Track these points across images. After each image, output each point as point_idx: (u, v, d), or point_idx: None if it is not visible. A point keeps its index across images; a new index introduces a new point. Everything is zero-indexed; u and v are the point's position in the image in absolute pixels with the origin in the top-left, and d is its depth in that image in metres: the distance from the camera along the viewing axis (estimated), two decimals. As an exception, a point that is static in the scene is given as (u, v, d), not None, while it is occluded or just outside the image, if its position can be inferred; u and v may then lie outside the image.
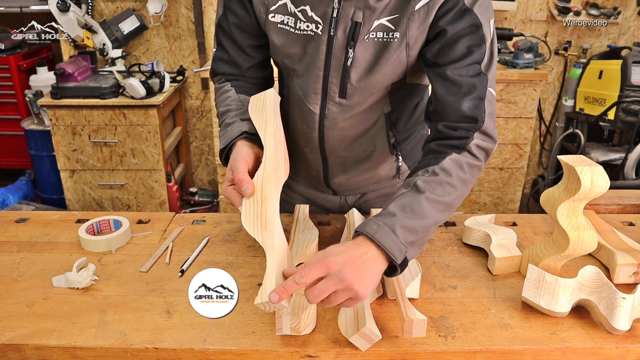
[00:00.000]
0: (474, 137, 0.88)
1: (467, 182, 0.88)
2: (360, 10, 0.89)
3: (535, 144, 3.48)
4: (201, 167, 3.48)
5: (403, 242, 0.76)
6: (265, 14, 0.97)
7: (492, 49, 0.90)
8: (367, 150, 1.08)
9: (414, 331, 0.70)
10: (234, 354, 0.72)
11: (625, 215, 1.17)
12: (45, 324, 0.76)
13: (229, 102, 1.01)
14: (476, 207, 3.10)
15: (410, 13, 0.88)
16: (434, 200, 0.82)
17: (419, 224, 0.79)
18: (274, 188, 0.80)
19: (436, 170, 0.85)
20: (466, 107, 0.88)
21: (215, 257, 0.95)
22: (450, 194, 0.84)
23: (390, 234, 0.76)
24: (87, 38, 2.78)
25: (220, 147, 0.93)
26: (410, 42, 0.90)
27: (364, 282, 0.71)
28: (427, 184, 0.84)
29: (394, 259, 0.75)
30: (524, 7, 3.17)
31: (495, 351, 0.73)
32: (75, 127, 2.66)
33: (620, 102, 2.69)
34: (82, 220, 1.09)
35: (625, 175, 2.71)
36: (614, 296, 0.75)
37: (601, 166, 0.78)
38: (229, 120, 0.95)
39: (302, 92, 1.01)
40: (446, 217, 0.85)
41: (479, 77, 0.88)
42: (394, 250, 0.75)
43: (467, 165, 0.88)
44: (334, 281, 0.69)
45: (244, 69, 1.05)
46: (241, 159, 0.83)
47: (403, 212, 0.80)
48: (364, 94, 0.97)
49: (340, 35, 0.91)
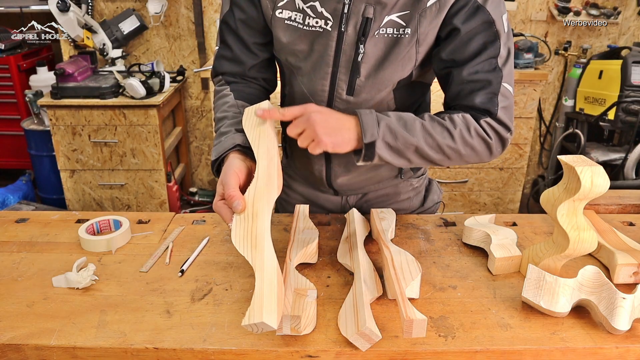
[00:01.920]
0: (488, 119, 0.91)
1: (467, 144, 0.90)
2: (371, 6, 0.89)
3: (535, 144, 3.48)
4: (201, 167, 3.48)
5: (379, 133, 0.84)
6: (272, 9, 0.97)
7: (508, 44, 0.90)
8: None
9: (414, 331, 0.69)
10: (234, 354, 0.72)
11: (625, 215, 1.17)
12: (45, 324, 0.76)
13: (226, 108, 1.00)
14: (476, 207, 3.10)
15: (422, 10, 0.88)
16: (427, 130, 0.87)
17: (402, 133, 0.85)
18: (266, 204, 0.78)
19: (444, 116, 0.90)
20: (479, 100, 0.90)
21: (215, 257, 0.95)
22: (445, 138, 0.88)
23: (374, 119, 0.84)
24: (87, 38, 2.78)
25: (212, 158, 0.92)
26: (420, 38, 0.91)
27: (328, 130, 0.81)
28: (431, 119, 0.89)
29: (363, 135, 0.82)
30: (524, 7, 3.17)
31: (495, 351, 0.73)
32: (75, 127, 2.66)
33: (620, 102, 2.69)
34: (82, 220, 1.09)
35: (625, 175, 2.71)
36: (614, 296, 0.75)
37: (601, 166, 0.78)
38: (224, 130, 0.94)
39: (308, 91, 1.01)
40: (431, 155, 0.89)
41: (494, 72, 0.89)
42: (367, 128, 0.83)
43: (475, 130, 0.90)
44: (303, 121, 0.80)
45: (247, 68, 1.05)
46: (232, 173, 0.82)
47: (396, 119, 0.87)
48: (372, 91, 0.97)
49: (351, 31, 0.92)
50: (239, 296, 0.83)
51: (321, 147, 0.82)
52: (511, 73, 0.92)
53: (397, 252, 0.89)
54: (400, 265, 0.85)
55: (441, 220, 1.11)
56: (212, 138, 3.29)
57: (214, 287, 0.86)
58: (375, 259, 0.93)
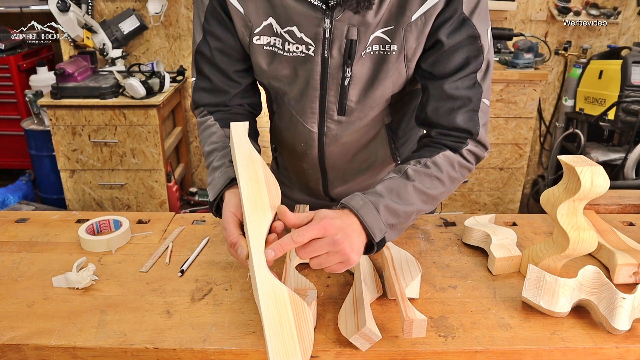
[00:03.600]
0: (468, 143, 0.89)
1: (455, 181, 0.89)
2: (354, 27, 0.85)
3: (535, 144, 3.48)
4: (201, 167, 3.48)
5: (384, 222, 0.78)
6: (249, 36, 0.90)
7: (489, 57, 0.88)
8: (368, 161, 1.06)
9: (414, 331, 0.69)
10: (234, 354, 0.72)
11: (625, 215, 1.17)
12: (45, 324, 0.76)
13: (214, 139, 0.94)
14: (476, 207, 3.10)
15: (407, 24, 0.84)
16: (420, 191, 0.83)
17: (402, 208, 0.81)
18: (256, 234, 0.73)
19: (428, 164, 0.86)
20: (460, 120, 0.87)
21: (215, 257, 0.95)
22: (437, 188, 0.85)
23: (373, 212, 0.78)
24: (87, 38, 2.78)
25: (209, 199, 0.87)
26: (408, 54, 0.87)
27: (354, 248, 0.74)
28: (417, 174, 0.84)
29: (373, 236, 0.76)
30: (524, 7, 3.17)
31: (495, 351, 0.73)
32: (75, 127, 2.66)
33: (620, 102, 2.69)
34: (82, 220, 1.09)
35: (625, 175, 2.71)
36: (614, 296, 0.75)
37: (601, 166, 0.78)
38: (216, 164, 0.89)
39: (297, 112, 0.97)
40: (429, 208, 0.86)
41: (474, 88, 0.87)
42: (375, 228, 0.77)
43: (459, 164, 0.89)
44: (328, 243, 0.71)
45: (230, 97, 0.98)
46: (229, 215, 0.78)
47: (389, 194, 0.81)
48: (364, 110, 0.95)
49: (336, 54, 0.87)
50: (239, 296, 0.83)
51: (349, 266, 0.75)
52: (489, 87, 0.90)
53: (397, 252, 0.89)
54: (400, 265, 0.85)
55: (441, 220, 1.11)
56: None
57: (214, 287, 0.86)
58: (375, 259, 0.93)
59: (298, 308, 0.66)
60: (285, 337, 0.62)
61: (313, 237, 0.71)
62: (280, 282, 0.68)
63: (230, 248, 0.76)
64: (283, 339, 0.62)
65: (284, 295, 0.67)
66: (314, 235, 0.71)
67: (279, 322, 0.64)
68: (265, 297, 0.66)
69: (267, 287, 0.67)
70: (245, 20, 0.89)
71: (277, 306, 0.65)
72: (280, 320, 0.64)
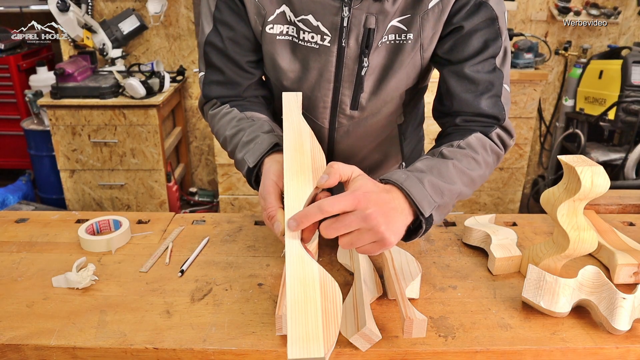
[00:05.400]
0: (496, 128, 0.86)
1: (489, 165, 0.84)
2: (372, 15, 0.83)
3: (535, 144, 3.48)
4: (201, 167, 3.48)
5: (432, 196, 0.70)
6: (262, 25, 0.87)
7: (506, 43, 0.86)
8: (377, 160, 1.05)
9: (414, 331, 0.69)
10: (234, 354, 0.72)
11: (625, 215, 1.17)
12: (45, 324, 0.76)
13: (236, 122, 0.87)
14: (476, 207, 3.10)
15: (424, 12, 0.83)
16: (460, 170, 0.77)
17: (446, 186, 0.73)
18: (294, 208, 0.66)
19: (462, 145, 0.82)
20: (485, 105, 0.85)
21: (215, 257, 0.95)
22: (475, 169, 0.80)
23: (419, 185, 0.69)
24: (87, 38, 2.78)
25: (249, 165, 0.78)
26: (424, 43, 0.86)
27: (391, 227, 0.64)
28: (454, 153, 0.79)
29: (422, 210, 0.68)
30: (524, 7, 3.17)
31: (496, 351, 0.73)
32: (75, 127, 2.66)
33: (620, 102, 2.69)
34: (81, 220, 1.09)
35: (625, 175, 2.71)
36: (614, 296, 0.75)
37: (601, 166, 0.78)
38: (247, 138, 0.82)
39: (307, 109, 0.94)
40: (469, 193, 0.80)
41: (495, 73, 0.85)
42: (423, 202, 0.68)
43: (490, 148, 0.85)
44: (359, 218, 0.62)
45: (243, 89, 0.94)
46: (270, 183, 0.71)
47: (430, 171, 0.74)
48: (377, 104, 0.92)
49: (353, 44, 0.85)
50: (239, 296, 0.83)
51: (386, 248, 0.66)
52: (509, 73, 0.88)
53: (397, 252, 0.89)
54: (400, 265, 0.85)
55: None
56: (212, 138, 3.28)
57: (214, 287, 0.86)
58: (375, 259, 0.93)
59: (328, 290, 0.60)
60: (309, 319, 0.56)
61: (343, 210, 0.62)
62: (313, 260, 0.62)
63: (268, 220, 0.70)
64: (306, 320, 0.56)
65: (314, 275, 0.60)
66: (345, 207, 0.62)
67: (304, 302, 0.57)
68: (293, 274, 0.60)
69: (296, 263, 0.61)
70: (259, 7, 0.86)
71: (305, 285, 0.59)
72: (305, 300, 0.58)
